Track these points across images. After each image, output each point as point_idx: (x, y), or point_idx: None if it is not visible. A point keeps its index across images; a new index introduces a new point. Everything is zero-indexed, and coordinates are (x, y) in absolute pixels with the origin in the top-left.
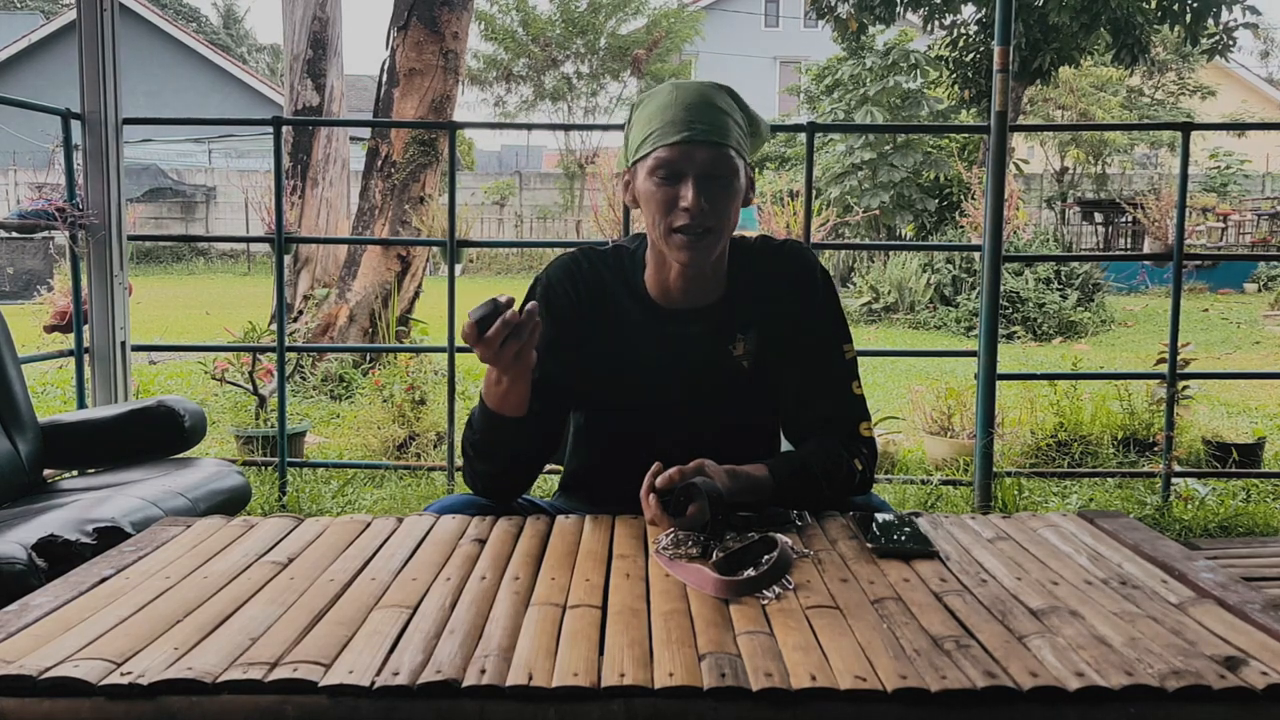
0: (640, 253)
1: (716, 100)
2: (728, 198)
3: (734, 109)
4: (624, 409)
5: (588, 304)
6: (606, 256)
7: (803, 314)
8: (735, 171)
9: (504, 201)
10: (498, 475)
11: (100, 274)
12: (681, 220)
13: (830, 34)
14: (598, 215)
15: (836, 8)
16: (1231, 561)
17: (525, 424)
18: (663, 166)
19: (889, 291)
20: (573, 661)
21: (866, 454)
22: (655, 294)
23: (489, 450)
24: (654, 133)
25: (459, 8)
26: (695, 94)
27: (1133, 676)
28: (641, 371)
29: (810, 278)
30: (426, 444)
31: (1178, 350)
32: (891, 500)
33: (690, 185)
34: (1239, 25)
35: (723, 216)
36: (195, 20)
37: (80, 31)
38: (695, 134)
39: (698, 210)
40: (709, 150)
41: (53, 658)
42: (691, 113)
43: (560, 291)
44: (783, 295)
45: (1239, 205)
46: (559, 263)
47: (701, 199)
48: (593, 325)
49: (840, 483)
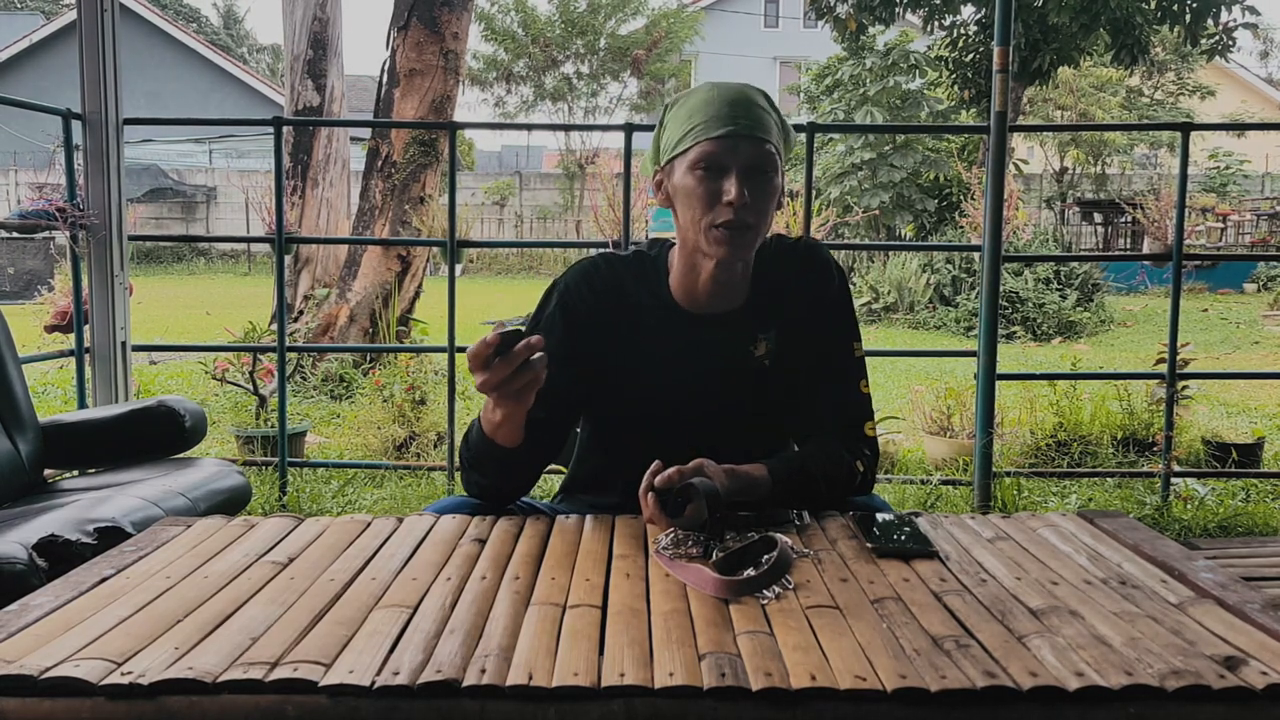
0: (663, 258)
1: (756, 99)
2: (769, 195)
3: (769, 110)
4: (642, 412)
5: (607, 309)
6: (628, 261)
7: (818, 311)
8: (776, 169)
9: (504, 202)
10: (493, 487)
11: (101, 274)
12: (725, 215)
13: (830, 34)
14: (598, 215)
15: (836, 8)
16: (1231, 561)
17: (519, 451)
18: (704, 159)
19: (889, 291)
20: (573, 661)
21: (869, 455)
22: (680, 298)
23: (484, 466)
24: (696, 127)
25: (459, 8)
26: (737, 91)
27: (1132, 676)
28: (662, 375)
29: (827, 275)
30: (426, 444)
31: (1177, 350)
32: (891, 500)
33: (734, 179)
34: (1239, 25)
35: (763, 214)
36: (195, 20)
37: (80, 31)
38: (740, 128)
39: (741, 203)
40: (753, 145)
41: (53, 657)
42: (735, 108)
43: (578, 296)
44: (802, 294)
45: (1238, 205)
46: (578, 267)
47: (746, 194)
48: (612, 330)
49: (840, 484)
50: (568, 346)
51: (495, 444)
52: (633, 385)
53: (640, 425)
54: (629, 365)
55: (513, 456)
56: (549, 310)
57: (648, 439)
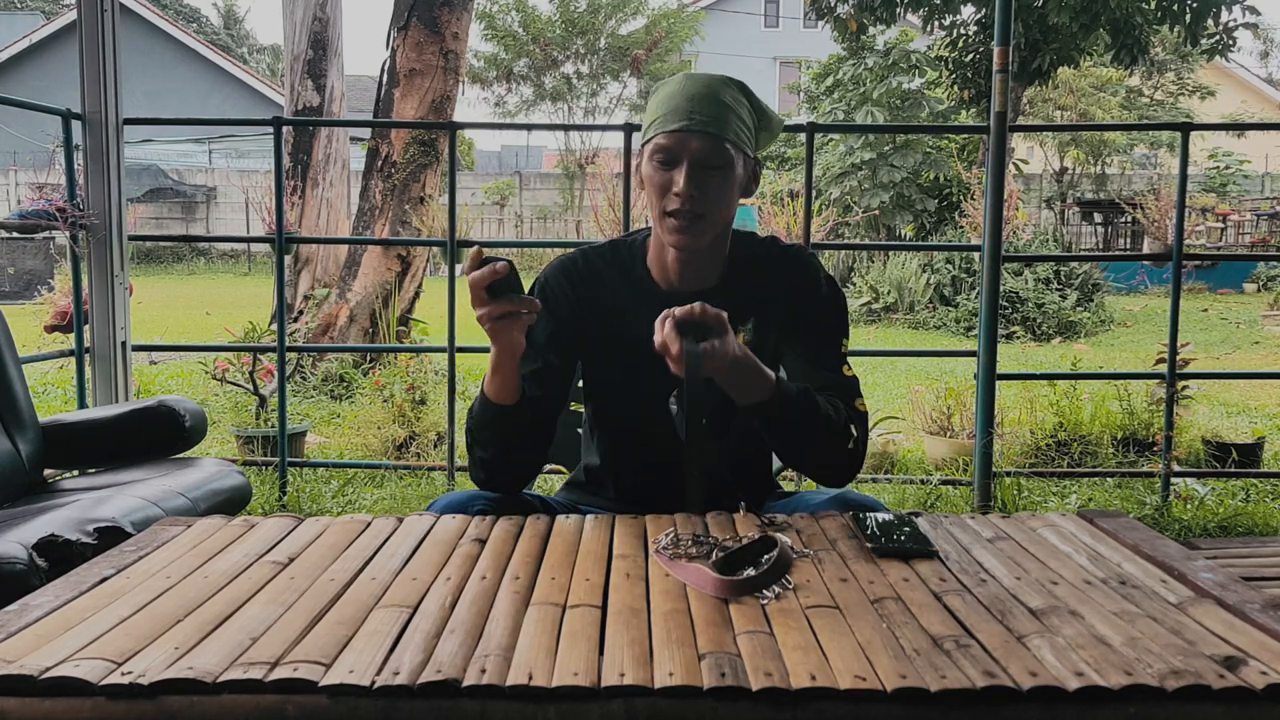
0: (641, 241)
1: (722, 94)
2: (720, 188)
3: (740, 103)
4: (627, 395)
5: (585, 298)
6: (603, 251)
7: (802, 310)
8: (730, 163)
9: (504, 201)
10: (493, 461)
11: (101, 274)
12: (673, 205)
13: (830, 34)
14: (598, 215)
15: (836, 8)
16: (1231, 561)
17: (517, 413)
18: (660, 152)
19: (888, 291)
20: (573, 661)
21: (860, 425)
22: (657, 276)
23: (485, 435)
24: (658, 119)
25: (459, 8)
26: (701, 85)
27: (1132, 676)
28: (642, 356)
29: (814, 278)
30: (426, 444)
31: (1177, 350)
32: (891, 500)
33: (683, 172)
34: (1239, 25)
35: (713, 205)
36: (195, 20)
37: (80, 31)
38: (693, 124)
39: (687, 196)
40: (705, 140)
41: (53, 657)
42: (694, 103)
43: (556, 288)
44: (782, 291)
45: (1238, 205)
46: (555, 263)
47: (692, 186)
48: (590, 317)
49: (837, 434)
50: (552, 332)
51: (492, 403)
52: (615, 365)
53: (625, 405)
54: (609, 346)
55: (510, 419)
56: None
57: (633, 419)
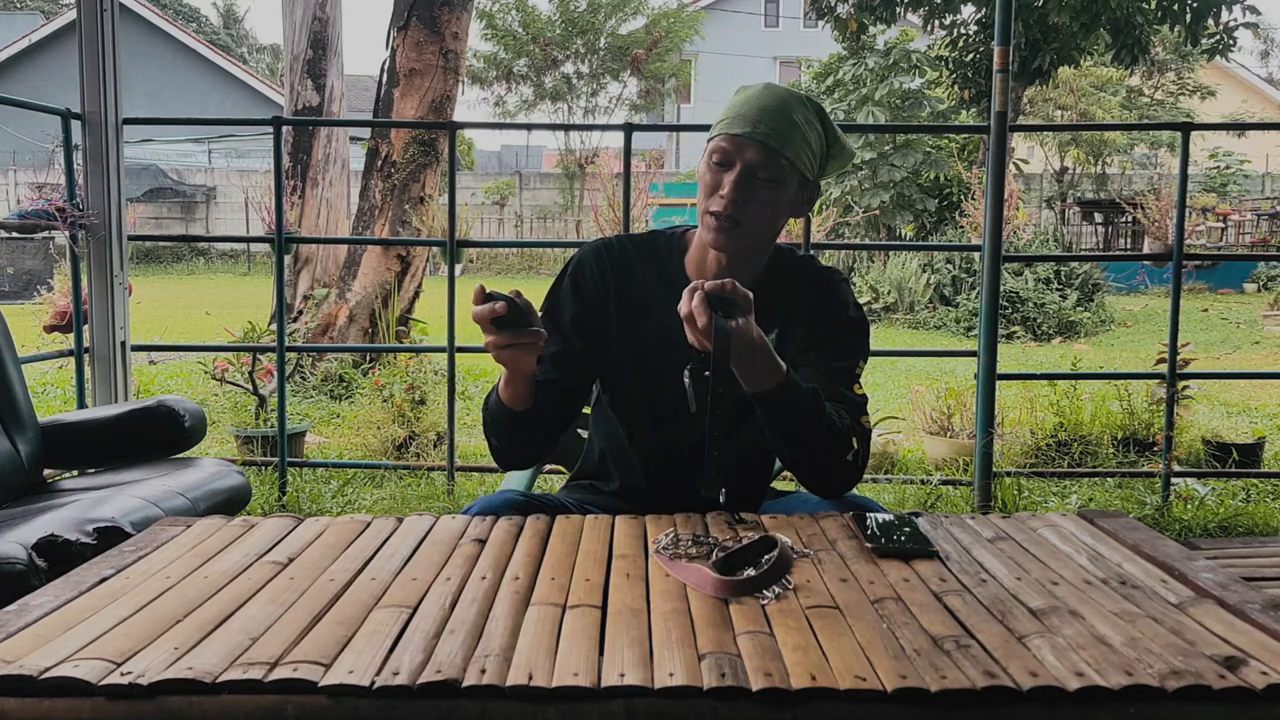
0: (681, 237)
1: (794, 111)
2: (766, 201)
3: (810, 125)
4: (642, 383)
5: (614, 284)
6: (642, 240)
7: (826, 327)
8: (782, 179)
9: (504, 201)
10: (505, 450)
11: (100, 274)
12: (716, 206)
13: (830, 34)
14: (597, 215)
15: (836, 8)
16: (1231, 561)
17: (529, 415)
18: (718, 152)
19: (889, 291)
20: (573, 661)
21: (862, 440)
22: (692, 272)
23: (497, 429)
24: (724, 120)
25: (459, 8)
26: (775, 98)
27: (1132, 676)
28: (664, 349)
29: (842, 301)
30: (426, 444)
31: (1177, 350)
32: (891, 500)
33: (733, 177)
34: (1239, 25)
35: (755, 215)
36: (195, 20)
37: (80, 31)
38: (755, 133)
39: (730, 201)
40: (762, 151)
41: (53, 658)
42: (763, 114)
43: (588, 271)
44: (809, 308)
45: (1239, 205)
46: (591, 246)
47: (737, 192)
48: (618, 304)
49: (840, 439)
50: (578, 316)
51: (505, 407)
52: (637, 354)
53: (641, 398)
54: (633, 335)
55: (522, 420)
56: (564, 282)
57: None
